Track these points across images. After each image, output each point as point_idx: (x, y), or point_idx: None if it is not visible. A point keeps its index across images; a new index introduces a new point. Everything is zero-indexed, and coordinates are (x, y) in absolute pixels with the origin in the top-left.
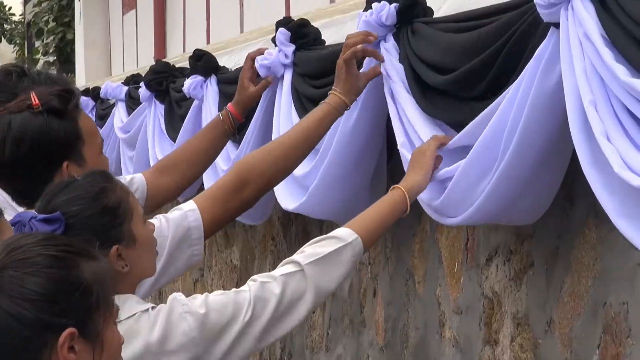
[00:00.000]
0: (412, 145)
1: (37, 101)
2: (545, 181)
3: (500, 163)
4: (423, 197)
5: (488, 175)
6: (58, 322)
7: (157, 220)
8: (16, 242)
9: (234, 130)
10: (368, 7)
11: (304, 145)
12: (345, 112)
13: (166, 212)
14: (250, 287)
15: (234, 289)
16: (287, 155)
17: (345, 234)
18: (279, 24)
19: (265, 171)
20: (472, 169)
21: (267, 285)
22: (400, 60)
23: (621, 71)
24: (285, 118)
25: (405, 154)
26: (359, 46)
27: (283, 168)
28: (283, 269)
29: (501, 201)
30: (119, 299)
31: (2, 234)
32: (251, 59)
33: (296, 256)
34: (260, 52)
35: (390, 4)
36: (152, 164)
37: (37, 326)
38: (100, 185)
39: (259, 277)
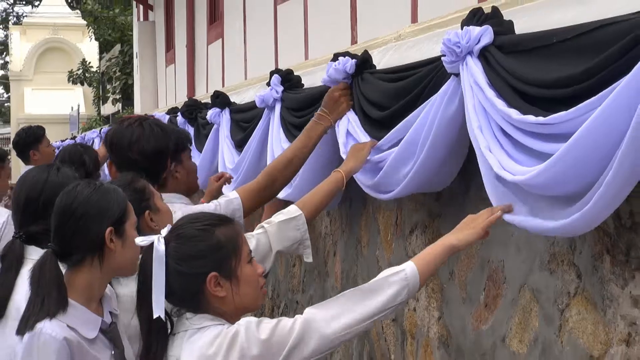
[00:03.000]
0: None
1: None
2: (448, 167)
3: (419, 157)
4: (361, 179)
5: (409, 164)
6: (203, 271)
7: (214, 204)
8: (179, 222)
9: None
10: (335, 59)
11: (308, 151)
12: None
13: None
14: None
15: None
16: (299, 158)
17: (293, 210)
18: (272, 72)
19: (285, 170)
20: (398, 158)
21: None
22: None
23: (500, 104)
24: (276, 136)
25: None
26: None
27: (296, 166)
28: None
29: (419, 179)
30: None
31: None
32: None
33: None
34: (223, 175)
35: (351, 59)
36: None
37: (191, 276)
38: (129, 178)
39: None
